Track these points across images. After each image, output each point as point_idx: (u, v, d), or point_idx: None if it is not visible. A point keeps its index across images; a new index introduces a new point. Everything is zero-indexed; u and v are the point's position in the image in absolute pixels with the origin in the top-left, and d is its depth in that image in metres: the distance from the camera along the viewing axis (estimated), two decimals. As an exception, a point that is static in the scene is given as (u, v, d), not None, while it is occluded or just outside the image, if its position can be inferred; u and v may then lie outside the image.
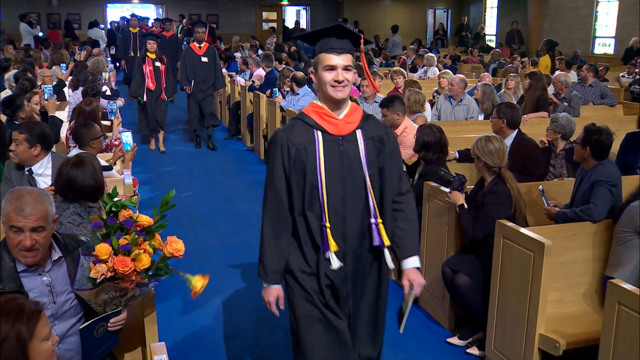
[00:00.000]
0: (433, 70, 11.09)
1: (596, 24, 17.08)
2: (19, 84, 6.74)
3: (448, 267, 3.83)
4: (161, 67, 8.68)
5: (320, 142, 2.48)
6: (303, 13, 24.19)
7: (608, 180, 3.68)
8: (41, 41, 14.64)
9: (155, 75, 8.62)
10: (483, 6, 22.29)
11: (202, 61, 8.90)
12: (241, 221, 6.16)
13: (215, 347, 3.85)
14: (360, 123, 2.55)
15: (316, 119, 2.52)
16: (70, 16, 20.36)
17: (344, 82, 2.43)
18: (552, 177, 4.90)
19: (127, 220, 2.39)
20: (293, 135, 2.50)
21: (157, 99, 8.73)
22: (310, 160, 2.47)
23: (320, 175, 2.46)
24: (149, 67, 8.57)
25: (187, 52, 9.09)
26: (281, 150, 2.50)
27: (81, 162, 3.14)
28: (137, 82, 8.70)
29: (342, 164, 2.50)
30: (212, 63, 9.00)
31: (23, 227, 2.27)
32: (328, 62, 2.43)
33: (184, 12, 20.31)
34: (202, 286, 2.52)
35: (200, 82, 8.92)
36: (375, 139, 2.56)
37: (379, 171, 2.56)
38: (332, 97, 2.45)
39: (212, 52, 9.06)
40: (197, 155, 8.88)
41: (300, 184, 2.50)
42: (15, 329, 1.75)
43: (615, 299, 2.71)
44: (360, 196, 2.52)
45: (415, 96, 6.23)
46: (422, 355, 3.80)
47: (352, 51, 2.48)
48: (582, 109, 7.52)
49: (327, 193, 2.46)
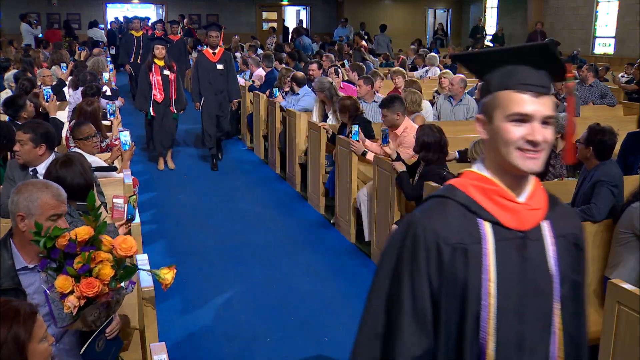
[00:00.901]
0: (434, 70, 11.07)
1: (596, 24, 17.07)
2: (19, 84, 6.74)
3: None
4: (171, 75, 7.63)
5: (490, 241, 1.49)
6: (303, 13, 24.20)
7: (609, 181, 3.68)
8: (40, 41, 14.65)
9: (164, 86, 7.59)
10: (483, 6, 22.28)
11: (217, 69, 7.74)
12: (241, 221, 6.16)
13: (215, 347, 3.85)
14: (547, 211, 1.56)
15: (482, 202, 1.51)
16: (70, 16, 20.37)
17: (541, 144, 1.45)
18: (552, 177, 4.89)
19: (67, 244, 2.23)
20: (446, 227, 1.49)
21: (166, 113, 7.70)
22: (473, 272, 1.48)
23: (488, 300, 1.48)
24: (156, 76, 7.55)
25: (200, 60, 7.84)
26: (427, 254, 1.48)
27: (70, 162, 3.11)
28: (143, 94, 7.68)
29: (524, 280, 1.51)
30: (228, 70, 7.86)
31: (63, 213, 2.41)
32: (519, 109, 1.45)
33: (184, 12, 20.33)
34: (172, 278, 2.46)
35: (217, 93, 7.77)
36: (569, 237, 1.58)
37: (573, 292, 1.59)
38: (517, 168, 1.47)
39: (229, 58, 7.95)
40: (197, 156, 8.88)
41: (452, 312, 1.50)
42: (13, 331, 1.75)
43: (615, 299, 2.71)
44: (546, 334, 1.54)
45: (412, 96, 6.24)
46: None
47: (551, 91, 1.51)
48: (582, 109, 7.52)
49: (497, 330, 1.48)
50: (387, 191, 4.78)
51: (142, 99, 7.67)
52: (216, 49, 7.78)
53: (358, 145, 5.32)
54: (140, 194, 6.18)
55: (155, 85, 7.54)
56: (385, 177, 4.82)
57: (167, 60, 7.64)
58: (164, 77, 7.58)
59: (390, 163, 4.68)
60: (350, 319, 4.19)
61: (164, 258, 5.15)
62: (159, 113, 7.66)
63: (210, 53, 7.77)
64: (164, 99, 7.61)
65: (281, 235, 5.74)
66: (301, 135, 6.92)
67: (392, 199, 4.71)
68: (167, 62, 7.63)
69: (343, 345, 3.89)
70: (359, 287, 4.65)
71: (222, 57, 7.79)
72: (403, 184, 4.50)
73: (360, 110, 6.01)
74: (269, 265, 5.10)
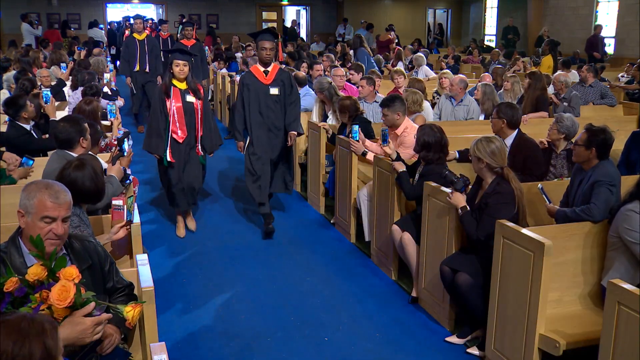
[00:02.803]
0: (424, 70, 10.89)
1: (596, 24, 17.08)
2: (19, 84, 6.75)
3: (447, 266, 3.83)
4: (196, 103, 5.33)
5: None
6: (303, 13, 24.20)
7: (608, 181, 3.69)
8: (40, 41, 14.66)
9: (187, 118, 5.30)
10: (483, 6, 22.30)
11: (270, 94, 5.59)
12: (241, 221, 6.16)
13: (215, 347, 3.85)
14: None
15: None
16: (70, 16, 20.41)
17: None
18: (553, 177, 4.90)
19: (17, 289, 2.13)
20: None
21: (190, 156, 5.43)
22: None
23: None
24: (175, 104, 5.25)
25: (248, 80, 5.63)
26: None
27: (82, 165, 3.18)
28: (156, 131, 5.30)
29: None
30: (285, 94, 5.66)
31: (57, 217, 2.38)
32: None
33: (184, 12, 20.34)
34: (137, 315, 2.38)
35: (270, 127, 5.64)
36: None
37: None
38: None
39: (287, 78, 5.71)
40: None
41: None
42: (47, 345, 1.68)
43: (615, 299, 2.71)
44: None
45: (413, 96, 6.24)
46: (422, 356, 3.80)
47: None
48: (582, 109, 7.52)
49: None
50: (387, 191, 4.78)
51: (155, 137, 5.32)
52: (269, 65, 5.64)
53: (358, 145, 5.32)
54: (140, 194, 6.19)
55: (174, 117, 5.26)
56: (385, 177, 4.82)
57: (191, 83, 5.35)
58: (187, 106, 5.30)
59: (390, 163, 4.68)
60: (350, 318, 4.19)
61: (164, 258, 5.16)
62: (180, 157, 5.38)
63: (260, 72, 5.64)
64: (187, 137, 5.35)
65: (281, 235, 5.74)
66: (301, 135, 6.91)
67: (392, 199, 4.71)
68: (192, 85, 5.34)
69: (343, 345, 3.89)
70: (359, 287, 4.66)
71: (278, 77, 5.65)
72: (403, 184, 4.50)
73: (360, 110, 6.01)
74: (269, 265, 5.10)
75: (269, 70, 5.62)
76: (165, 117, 5.31)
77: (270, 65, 5.63)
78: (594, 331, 3.12)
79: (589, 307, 3.60)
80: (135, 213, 3.49)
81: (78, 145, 3.93)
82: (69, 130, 3.90)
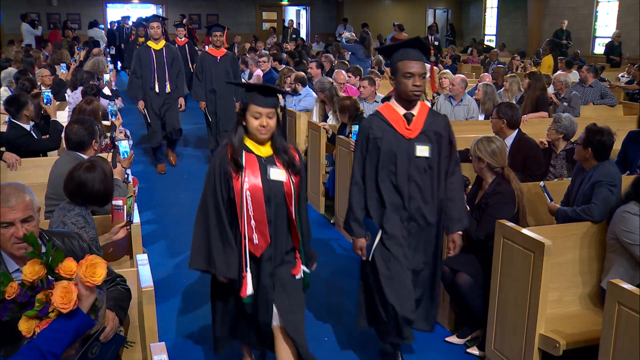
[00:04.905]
0: None
1: (596, 24, 17.09)
2: (19, 84, 6.74)
3: (447, 266, 3.83)
4: (288, 182, 3.12)
5: None
6: (303, 13, 24.21)
7: (609, 181, 3.69)
8: (40, 41, 14.67)
9: (272, 211, 3.04)
10: (483, 6, 22.30)
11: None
12: (241, 221, 6.14)
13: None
14: None
15: None
16: (70, 16, 20.39)
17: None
18: (553, 177, 4.90)
19: (18, 294, 2.06)
20: None
21: (283, 279, 3.12)
22: None
23: None
24: (250, 181, 2.90)
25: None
26: None
27: (93, 167, 3.17)
28: (218, 242, 3.04)
29: None
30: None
31: (13, 220, 2.24)
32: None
33: (184, 12, 20.31)
34: None
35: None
36: None
37: None
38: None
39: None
40: (197, 156, 8.88)
41: None
42: None
43: (615, 299, 2.71)
44: None
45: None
46: (422, 355, 3.80)
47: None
48: (582, 109, 7.53)
49: None
50: (387, 191, 4.76)
51: (219, 252, 3.08)
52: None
53: (358, 145, 5.30)
54: (140, 194, 6.18)
55: (247, 208, 2.86)
56: (385, 177, 4.80)
57: (280, 145, 3.18)
58: (273, 187, 3.03)
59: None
60: (351, 318, 4.19)
61: (164, 258, 5.16)
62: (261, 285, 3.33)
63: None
64: (270, 247, 3.01)
65: (281, 235, 5.72)
66: (301, 135, 6.92)
67: (392, 199, 4.70)
68: (282, 149, 3.19)
69: (343, 345, 3.89)
70: (359, 287, 4.65)
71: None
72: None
73: (360, 111, 6.01)
74: (269, 265, 5.08)
75: None
76: (231, 212, 2.99)
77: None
78: (594, 331, 3.12)
79: (588, 307, 3.60)
80: (135, 213, 3.50)
81: (90, 148, 3.91)
82: (82, 132, 3.87)
